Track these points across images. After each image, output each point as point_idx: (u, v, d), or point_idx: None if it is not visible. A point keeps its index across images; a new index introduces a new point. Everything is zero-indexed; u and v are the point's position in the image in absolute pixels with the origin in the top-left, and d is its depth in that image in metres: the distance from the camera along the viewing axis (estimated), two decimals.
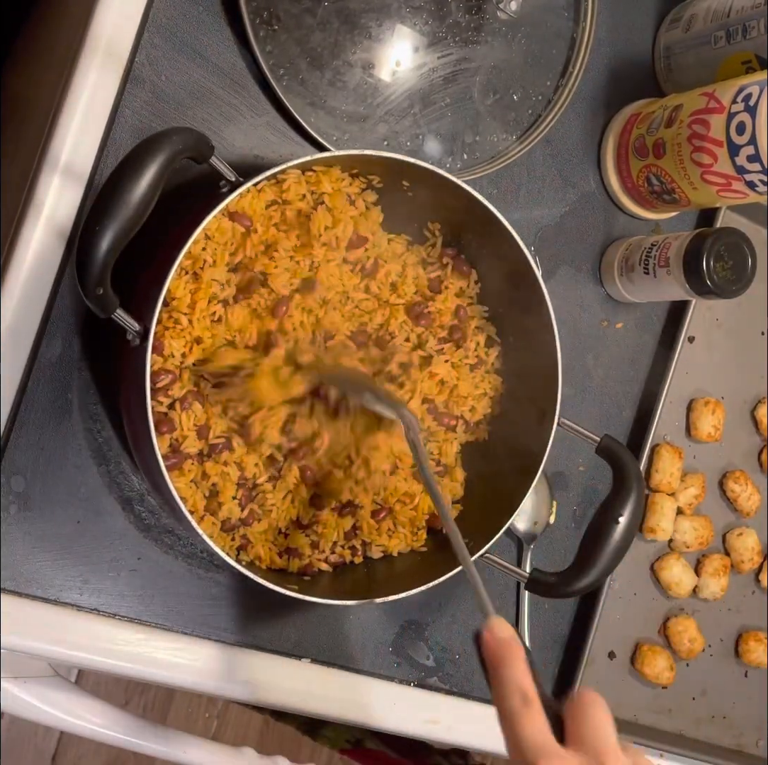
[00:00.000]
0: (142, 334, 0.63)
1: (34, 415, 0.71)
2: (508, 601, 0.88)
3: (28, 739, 1.56)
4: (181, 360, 0.69)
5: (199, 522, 0.68)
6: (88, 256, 0.59)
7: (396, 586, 0.71)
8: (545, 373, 0.74)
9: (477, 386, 0.78)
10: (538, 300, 0.73)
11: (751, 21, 0.81)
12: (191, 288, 0.68)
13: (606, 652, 0.92)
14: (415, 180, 0.73)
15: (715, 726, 0.97)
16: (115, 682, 1.59)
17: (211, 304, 0.69)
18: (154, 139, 0.61)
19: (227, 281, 0.70)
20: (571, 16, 0.86)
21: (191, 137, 0.63)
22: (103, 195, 0.60)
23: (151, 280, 0.66)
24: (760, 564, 0.98)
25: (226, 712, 1.68)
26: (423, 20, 0.80)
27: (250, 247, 0.70)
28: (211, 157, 0.65)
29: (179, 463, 0.69)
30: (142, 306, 0.64)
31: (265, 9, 0.76)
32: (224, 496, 0.71)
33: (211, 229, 0.69)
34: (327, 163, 0.72)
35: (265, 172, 0.67)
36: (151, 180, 0.60)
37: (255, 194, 0.71)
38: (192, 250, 0.68)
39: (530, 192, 0.88)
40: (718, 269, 0.82)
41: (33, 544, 0.71)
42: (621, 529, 0.70)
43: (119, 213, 0.59)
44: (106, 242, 0.59)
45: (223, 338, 0.70)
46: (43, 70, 0.87)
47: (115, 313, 0.62)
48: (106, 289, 0.60)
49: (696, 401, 0.95)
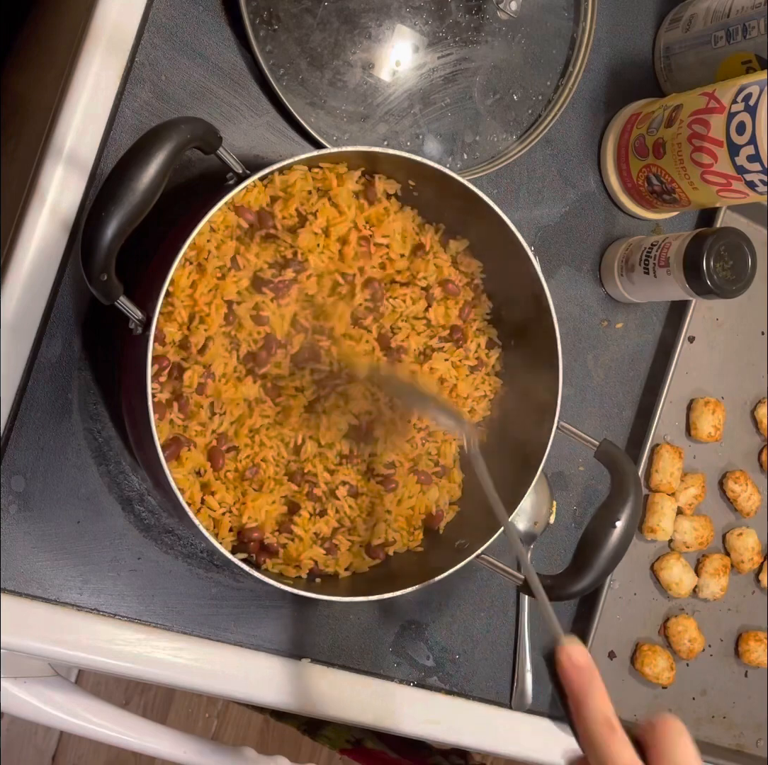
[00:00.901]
0: (145, 322, 0.63)
1: (34, 415, 0.71)
2: (508, 602, 0.88)
3: (28, 739, 1.56)
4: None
5: (195, 513, 0.68)
6: (93, 241, 0.59)
7: (392, 586, 0.71)
8: (546, 376, 0.74)
9: (477, 388, 0.78)
10: (541, 302, 0.73)
11: (751, 21, 0.81)
12: (194, 278, 0.69)
13: (606, 652, 0.92)
14: (420, 179, 0.73)
15: (715, 726, 0.97)
16: (115, 682, 1.59)
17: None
18: (163, 128, 0.61)
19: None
20: (571, 16, 0.86)
21: (200, 127, 0.63)
22: (110, 181, 0.60)
23: (155, 270, 0.66)
24: (760, 564, 0.98)
25: (226, 712, 1.68)
26: (423, 20, 0.80)
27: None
28: (219, 147, 0.65)
29: (177, 451, 0.69)
30: (146, 295, 0.64)
31: (265, 9, 0.76)
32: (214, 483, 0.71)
33: (216, 222, 0.69)
34: (334, 160, 0.72)
35: (272, 166, 0.67)
36: (158, 168, 0.60)
37: (261, 189, 0.71)
38: (197, 241, 0.68)
39: (530, 192, 0.88)
40: (718, 269, 0.82)
41: (33, 543, 0.71)
42: (618, 534, 0.70)
43: (125, 199, 0.59)
44: (111, 228, 0.59)
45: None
46: (44, 68, 0.87)
47: (118, 301, 0.62)
48: (110, 276, 0.60)
49: (696, 401, 0.95)
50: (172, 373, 0.69)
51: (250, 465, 0.72)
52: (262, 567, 0.73)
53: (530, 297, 0.74)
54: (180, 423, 0.70)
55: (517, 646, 0.88)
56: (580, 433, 0.75)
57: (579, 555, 0.71)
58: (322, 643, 0.80)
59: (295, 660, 0.79)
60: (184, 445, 0.69)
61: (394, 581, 0.71)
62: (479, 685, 0.87)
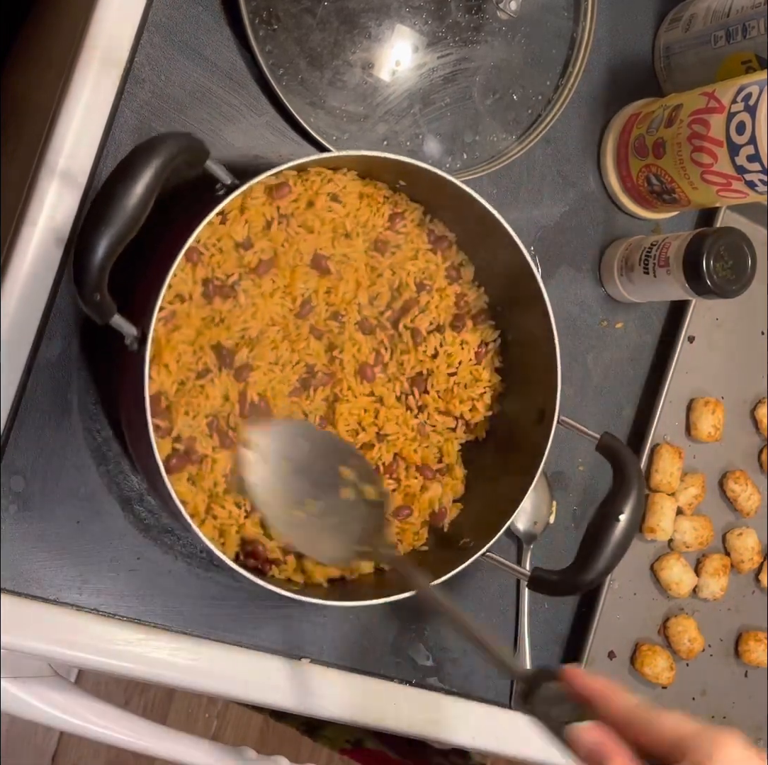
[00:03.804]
0: (140, 338, 0.63)
1: (34, 415, 0.71)
2: (507, 601, 0.88)
3: (28, 739, 1.56)
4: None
5: (200, 525, 0.69)
6: (84, 263, 0.59)
7: (400, 586, 0.71)
8: (544, 370, 0.74)
9: (477, 383, 0.79)
10: (537, 297, 0.73)
11: (751, 21, 0.81)
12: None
13: (606, 652, 0.92)
14: (412, 180, 0.73)
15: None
16: (115, 682, 1.59)
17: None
18: (149, 145, 0.61)
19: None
20: (571, 15, 0.86)
21: (186, 142, 0.63)
22: (98, 201, 0.60)
23: (148, 286, 0.65)
24: (760, 564, 0.98)
25: (226, 712, 1.68)
26: (423, 20, 0.80)
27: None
28: (207, 160, 0.65)
29: (179, 465, 0.69)
30: (140, 311, 0.64)
31: (264, 9, 0.76)
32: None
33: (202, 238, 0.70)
34: (324, 164, 0.72)
35: (261, 175, 0.66)
36: (146, 186, 0.59)
37: (264, 200, 0.71)
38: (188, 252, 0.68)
39: (530, 192, 0.88)
40: (718, 269, 0.82)
41: (32, 543, 0.71)
42: (622, 526, 0.70)
43: (115, 219, 0.59)
44: (102, 249, 0.58)
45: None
46: (43, 69, 0.87)
47: (112, 320, 0.62)
48: (103, 295, 0.60)
49: (696, 401, 0.95)
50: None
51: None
52: (268, 574, 0.73)
53: (526, 292, 0.74)
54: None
55: (516, 646, 0.88)
56: (581, 426, 0.75)
57: (584, 549, 0.71)
58: (322, 643, 0.80)
59: (295, 660, 0.79)
60: (187, 459, 0.70)
61: (402, 581, 0.72)
62: (479, 684, 0.87)
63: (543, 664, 0.89)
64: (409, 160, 0.70)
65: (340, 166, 0.73)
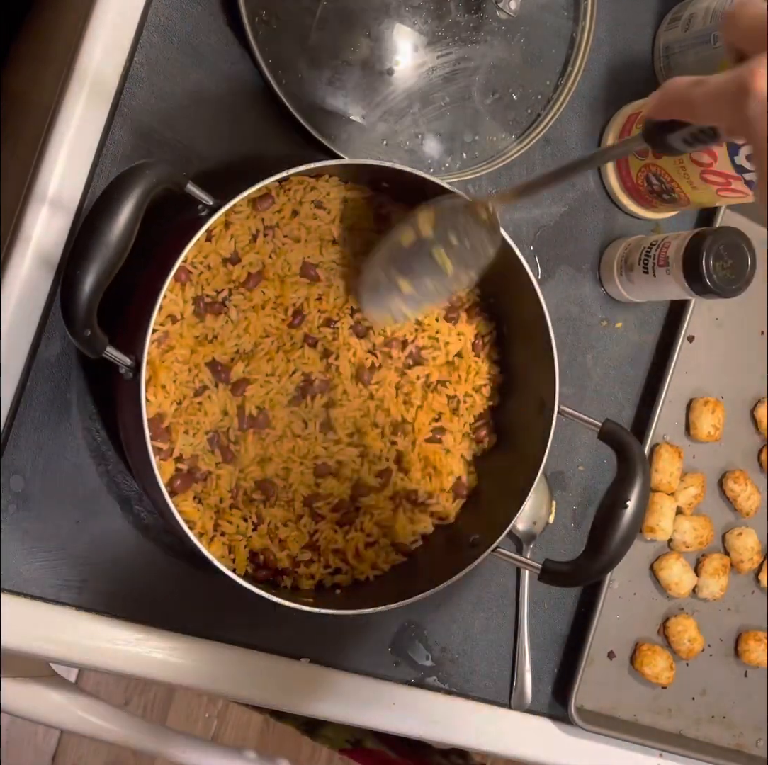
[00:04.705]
0: (135, 367, 0.63)
1: (33, 414, 0.71)
2: (507, 601, 0.88)
3: (28, 739, 1.56)
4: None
5: (208, 545, 0.70)
6: (72, 300, 0.59)
7: (413, 583, 0.71)
8: (542, 360, 0.74)
9: (477, 375, 0.79)
10: (526, 284, 0.73)
11: None
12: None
13: (606, 651, 0.92)
14: (394, 181, 0.74)
15: (715, 726, 0.97)
16: (115, 682, 1.59)
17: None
18: (127, 176, 0.60)
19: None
20: (571, 15, 0.86)
21: (165, 170, 0.62)
22: (82, 237, 0.60)
23: (139, 312, 0.65)
24: (760, 564, 0.98)
25: (226, 712, 1.68)
26: (422, 19, 0.80)
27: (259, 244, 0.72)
28: (186, 185, 0.65)
29: (183, 486, 0.70)
30: (132, 338, 0.64)
31: (263, 8, 0.76)
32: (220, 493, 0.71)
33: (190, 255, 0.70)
34: (308, 174, 0.72)
35: (241, 194, 0.66)
36: (127, 218, 0.59)
37: (249, 213, 0.72)
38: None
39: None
40: (718, 269, 0.82)
41: (32, 543, 0.71)
42: (630, 513, 0.70)
43: (99, 255, 0.59)
44: (88, 285, 0.59)
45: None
46: (43, 65, 0.87)
47: (105, 352, 0.62)
48: (93, 330, 0.60)
49: (696, 401, 0.95)
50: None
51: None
52: (281, 585, 0.73)
53: (509, 273, 0.74)
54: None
55: (516, 646, 0.88)
56: (581, 415, 0.74)
57: (593, 538, 0.71)
58: (321, 643, 0.80)
59: (294, 660, 0.79)
60: (191, 478, 0.70)
61: (416, 578, 0.72)
62: (478, 684, 0.87)
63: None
64: (389, 164, 0.70)
65: (323, 173, 0.74)
